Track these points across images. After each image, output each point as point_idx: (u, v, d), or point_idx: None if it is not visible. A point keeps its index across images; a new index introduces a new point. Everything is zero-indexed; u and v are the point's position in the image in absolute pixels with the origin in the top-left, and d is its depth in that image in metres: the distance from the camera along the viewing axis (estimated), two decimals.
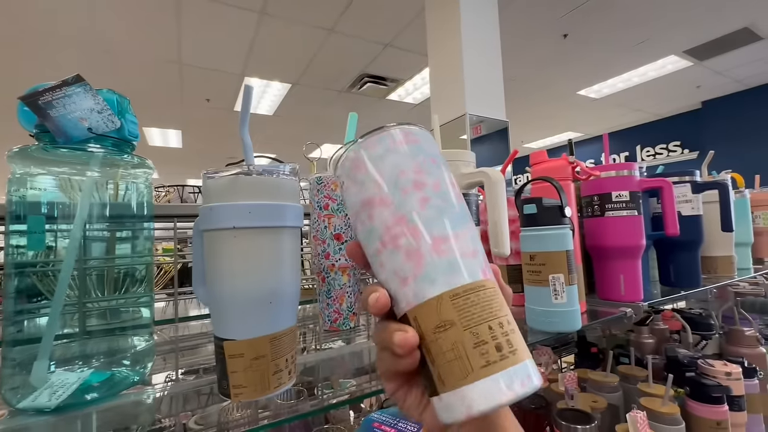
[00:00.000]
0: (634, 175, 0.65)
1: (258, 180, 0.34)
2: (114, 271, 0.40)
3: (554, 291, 0.49)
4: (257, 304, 0.33)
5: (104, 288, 0.40)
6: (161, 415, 0.39)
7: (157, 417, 0.37)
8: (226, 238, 0.33)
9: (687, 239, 0.76)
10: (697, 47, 3.66)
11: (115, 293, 0.41)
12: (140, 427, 0.36)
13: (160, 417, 0.38)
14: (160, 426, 0.37)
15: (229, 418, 0.46)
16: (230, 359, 0.33)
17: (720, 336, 1.05)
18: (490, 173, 0.42)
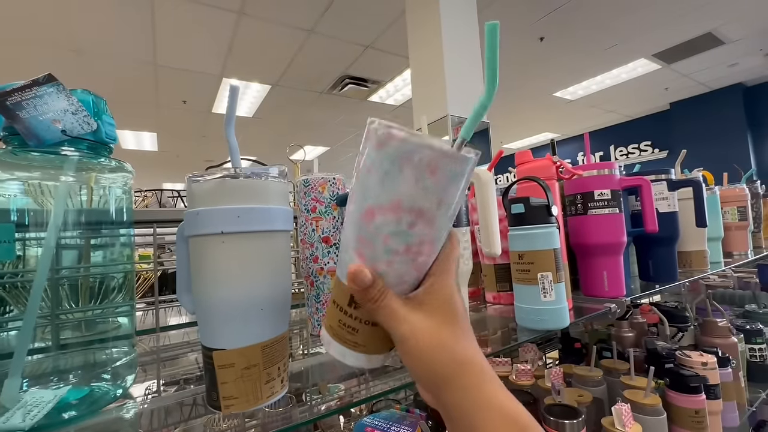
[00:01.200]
0: (614, 174, 0.66)
1: (246, 183, 0.33)
2: (91, 280, 0.38)
3: (543, 289, 0.50)
4: (248, 312, 0.32)
5: (80, 299, 0.38)
6: (143, 431, 0.37)
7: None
8: (213, 244, 0.32)
9: (664, 235, 0.79)
10: (664, 51, 3.82)
11: (92, 304, 0.39)
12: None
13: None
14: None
15: (216, 430, 0.45)
16: (220, 369, 0.31)
17: (695, 328, 1.09)
18: (481, 174, 0.42)
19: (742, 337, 1.07)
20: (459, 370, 0.25)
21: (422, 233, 0.25)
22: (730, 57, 4.08)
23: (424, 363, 0.26)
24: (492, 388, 0.25)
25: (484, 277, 0.72)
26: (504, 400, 0.25)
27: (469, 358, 0.26)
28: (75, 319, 0.38)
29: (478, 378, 0.26)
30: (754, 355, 1.08)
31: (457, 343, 0.26)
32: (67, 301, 0.38)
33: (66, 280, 0.38)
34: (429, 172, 0.24)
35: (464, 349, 0.26)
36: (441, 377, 0.25)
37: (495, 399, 0.25)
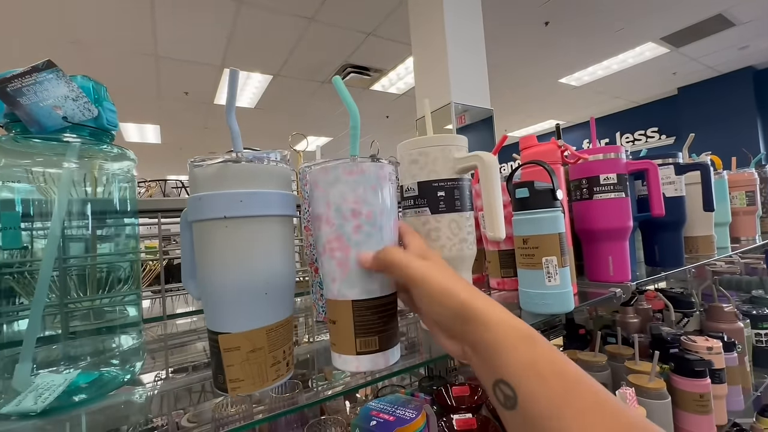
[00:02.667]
0: (621, 157, 0.65)
1: (249, 167, 0.33)
2: (97, 270, 0.38)
3: (548, 273, 0.49)
4: (252, 296, 0.32)
5: (87, 288, 0.38)
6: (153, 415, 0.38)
7: (149, 416, 0.36)
8: (216, 229, 0.32)
9: (671, 220, 0.78)
10: (673, 34, 3.73)
11: (99, 292, 0.39)
12: (132, 428, 0.35)
13: (152, 416, 0.37)
14: (152, 426, 0.36)
15: (224, 414, 0.45)
16: (226, 353, 0.32)
17: (700, 313, 1.09)
18: (484, 157, 0.41)
19: (749, 322, 1.07)
20: (468, 303, 0.29)
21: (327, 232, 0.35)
22: (741, 39, 3.98)
23: (439, 299, 0.31)
24: (501, 312, 0.29)
25: (488, 263, 0.72)
26: (513, 320, 0.29)
27: (473, 292, 0.31)
28: (83, 308, 0.39)
29: (487, 306, 0.29)
30: (760, 340, 1.08)
31: (459, 281, 0.32)
32: (75, 291, 0.38)
33: (72, 270, 0.38)
34: (314, 188, 0.36)
35: (467, 286, 0.31)
36: (453, 309, 0.30)
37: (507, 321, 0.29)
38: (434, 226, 0.43)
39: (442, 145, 0.44)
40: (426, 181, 0.43)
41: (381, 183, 0.36)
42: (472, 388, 0.87)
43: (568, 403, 0.24)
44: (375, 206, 0.35)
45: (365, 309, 0.35)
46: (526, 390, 0.25)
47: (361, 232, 0.35)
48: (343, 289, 0.35)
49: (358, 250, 0.35)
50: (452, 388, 0.89)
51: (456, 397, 0.87)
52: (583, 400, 0.24)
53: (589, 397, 0.24)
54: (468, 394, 0.87)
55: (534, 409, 0.25)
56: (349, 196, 0.35)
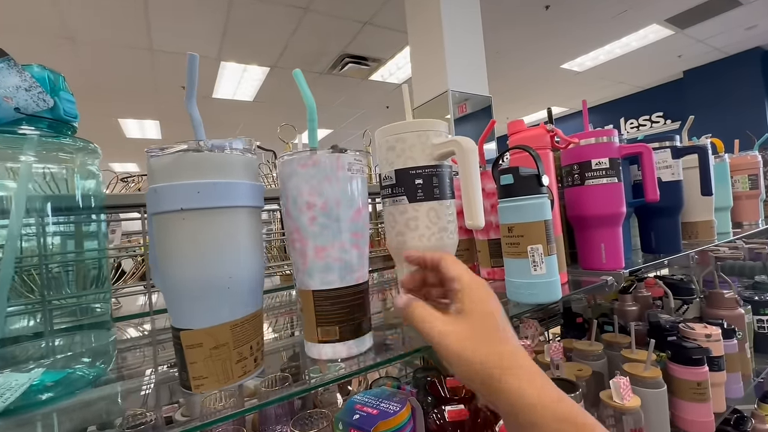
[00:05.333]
0: (613, 141, 0.63)
1: (206, 157, 0.31)
2: (61, 267, 0.37)
3: (533, 262, 0.48)
4: (213, 291, 0.31)
5: (52, 286, 0.37)
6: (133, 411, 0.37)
7: (132, 412, 0.35)
8: (174, 222, 0.30)
9: (667, 205, 0.76)
10: (678, 15, 3.64)
11: (65, 290, 0.38)
12: (102, 426, 0.34)
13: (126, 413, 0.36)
14: (138, 422, 0.35)
15: (213, 407, 0.45)
16: (188, 350, 0.31)
17: (701, 300, 1.07)
18: (462, 142, 0.39)
19: (750, 308, 1.05)
20: (493, 376, 0.26)
21: (288, 224, 0.37)
22: (748, 19, 3.87)
23: (454, 366, 0.28)
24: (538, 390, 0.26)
25: (478, 253, 0.71)
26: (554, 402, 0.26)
27: (502, 361, 0.27)
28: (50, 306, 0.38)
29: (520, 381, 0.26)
30: (762, 326, 1.06)
31: (485, 347, 0.28)
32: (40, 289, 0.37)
33: (34, 268, 0.37)
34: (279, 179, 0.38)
35: (493, 353, 0.27)
36: (472, 379, 0.28)
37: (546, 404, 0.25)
38: (412, 215, 0.42)
39: (419, 131, 0.42)
40: (403, 169, 0.42)
41: (337, 174, 0.35)
42: None
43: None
44: (330, 198, 0.35)
45: (324, 299, 0.35)
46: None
47: (316, 223, 0.35)
48: (305, 279, 0.36)
49: (314, 242, 0.35)
50: (446, 380, 0.88)
51: (450, 388, 0.87)
52: None
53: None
54: (462, 385, 0.86)
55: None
56: (303, 188, 0.35)
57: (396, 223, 0.43)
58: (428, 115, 2.24)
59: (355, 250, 0.36)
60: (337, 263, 0.35)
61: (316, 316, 0.36)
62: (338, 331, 0.35)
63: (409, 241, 0.42)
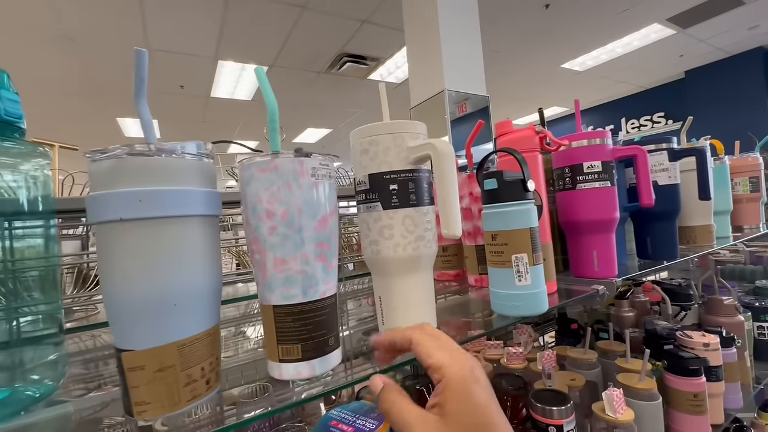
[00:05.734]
0: (606, 143, 0.60)
1: (150, 162, 0.28)
2: (5, 276, 0.35)
3: (517, 272, 0.45)
4: (158, 308, 0.28)
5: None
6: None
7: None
8: (114, 233, 0.28)
9: (663, 209, 0.73)
10: (680, 14, 3.60)
11: (8, 301, 0.35)
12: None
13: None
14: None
15: (195, 418, 0.42)
16: (130, 372, 0.28)
17: (699, 306, 1.04)
18: (438, 144, 0.36)
19: (750, 314, 1.02)
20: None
21: (248, 234, 0.35)
22: (751, 18, 3.83)
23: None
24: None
25: (466, 258, 0.68)
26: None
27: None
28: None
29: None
30: (763, 334, 1.03)
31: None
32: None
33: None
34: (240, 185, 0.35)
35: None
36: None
37: None
38: (387, 223, 0.39)
39: (393, 133, 0.39)
40: (377, 174, 0.39)
41: (299, 180, 0.33)
42: None
43: None
44: (291, 205, 0.32)
45: (285, 315, 0.33)
46: None
47: (276, 234, 0.33)
48: (265, 293, 0.34)
49: (274, 253, 0.33)
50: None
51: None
52: None
53: None
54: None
55: None
56: (262, 195, 0.33)
57: (370, 232, 0.40)
58: (425, 115, 2.22)
59: (319, 262, 0.34)
60: (300, 276, 0.33)
61: (277, 333, 0.33)
62: (300, 349, 0.33)
63: (383, 250, 0.40)
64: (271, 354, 0.34)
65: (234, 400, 0.37)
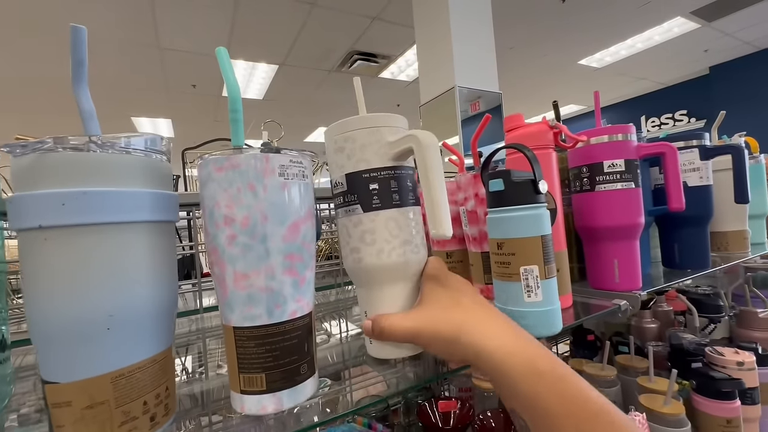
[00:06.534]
0: (630, 140, 0.54)
1: (78, 157, 0.24)
2: None
3: (527, 287, 0.39)
4: (85, 333, 0.24)
5: None
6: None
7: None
8: (34, 243, 0.23)
9: (694, 214, 0.66)
10: (704, 7, 3.44)
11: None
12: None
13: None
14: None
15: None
16: (54, 409, 0.24)
17: (730, 318, 0.96)
18: (420, 136, 0.32)
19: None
20: (461, 338, 0.29)
21: (207, 243, 0.30)
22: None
23: (439, 352, 0.32)
24: (499, 339, 0.29)
25: (471, 266, 0.62)
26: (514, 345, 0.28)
27: (468, 321, 0.30)
28: None
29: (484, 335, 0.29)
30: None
31: (452, 312, 0.31)
32: None
33: None
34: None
35: (462, 314, 0.31)
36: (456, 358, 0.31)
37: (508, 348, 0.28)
38: (368, 227, 0.35)
39: (370, 128, 0.35)
40: (354, 173, 0.35)
41: (263, 181, 0.28)
42: (462, 402, 0.78)
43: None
44: (253, 211, 0.27)
45: (247, 339, 0.28)
46: (536, 425, 0.26)
47: (236, 243, 0.28)
48: (225, 312, 0.29)
49: (234, 266, 0.28)
50: (438, 403, 0.80)
51: (442, 413, 0.78)
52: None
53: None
54: (456, 410, 0.78)
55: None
56: (220, 198, 0.28)
57: (350, 238, 0.36)
58: (435, 113, 2.15)
59: (288, 276, 0.29)
60: (264, 294, 0.28)
61: (238, 359, 0.28)
62: (263, 380, 0.28)
63: (365, 257, 0.35)
64: (232, 383, 0.29)
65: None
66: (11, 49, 3.10)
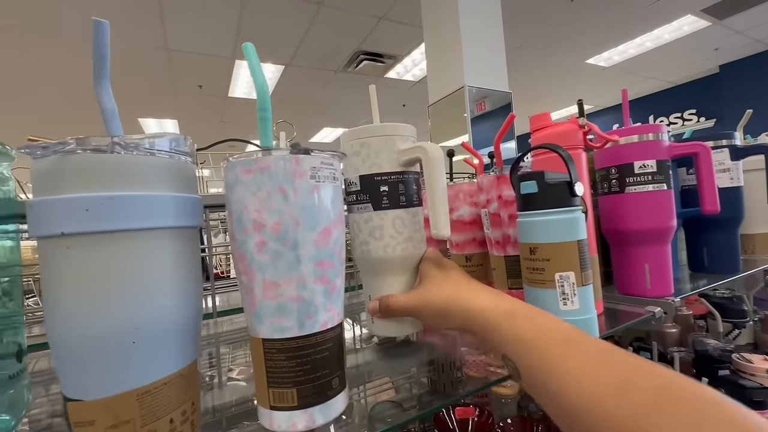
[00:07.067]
0: (662, 139, 0.52)
1: (101, 160, 0.22)
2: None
3: (562, 294, 0.37)
4: (110, 348, 0.22)
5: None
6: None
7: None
8: (56, 251, 0.22)
9: (725, 216, 0.63)
10: (716, 4, 3.38)
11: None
12: None
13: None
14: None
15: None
16: (77, 428, 0.22)
17: (754, 323, 0.93)
18: (428, 148, 0.37)
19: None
20: (458, 314, 0.33)
21: (234, 250, 0.28)
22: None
23: (436, 322, 0.36)
24: (482, 297, 0.33)
25: (493, 270, 0.60)
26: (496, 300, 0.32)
27: (457, 291, 0.34)
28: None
29: (471, 296, 0.33)
30: None
31: (441, 286, 0.36)
32: None
33: None
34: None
35: (451, 286, 0.35)
36: (450, 324, 0.34)
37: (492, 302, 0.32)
38: (377, 224, 0.39)
39: (385, 135, 0.39)
40: (368, 175, 0.39)
41: (294, 183, 0.26)
42: (480, 409, 0.76)
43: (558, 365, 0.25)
44: (285, 215, 0.26)
45: (277, 352, 0.26)
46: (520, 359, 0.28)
47: (266, 250, 0.26)
48: (253, 323, 0.27)
49: (263, 275, 0.26)
50: (455, 410, 0.78)
51: (460, 420, 0.76)
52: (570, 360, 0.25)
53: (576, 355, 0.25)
54: (474, 417, 0.76)
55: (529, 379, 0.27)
56: (249, 203, 0.26)
57: (360, 232, 0.40)
58: (444, 113, 2.13)
59: (320, 284, 0.27)
60: (295, 304, 0.26)
61: (267, 373, 0.27)
62: (295, 395, 0.26)
63: (373, 251, 0.40)
64: (261, 398, 0.27)
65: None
66: (19, 52, 3.12)
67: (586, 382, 0.23)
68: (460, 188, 0.67)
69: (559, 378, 0.24)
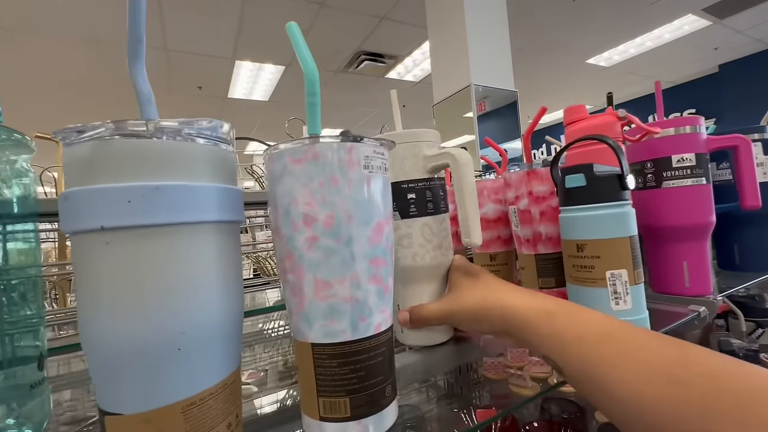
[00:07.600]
0: (700, 132, 0.50)
1: (146, 146, 0.20)
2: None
3: (614, 293, 0.35)
4: (154, 355, 0.20)
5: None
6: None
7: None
8: (94, 247, 0.19)
9: (759, 212, 0.61)
10: (717, 4, 3.39)
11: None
12: None
13: None
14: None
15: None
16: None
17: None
18: (457, 154, 0.36)
19: None
20: (496, 315, 0.32)
21: (279, 247, 0.26)
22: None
23: (471, 327, 0.36)
24: (519, 297, 0.32)
25: (521, 269, 0.58)
26: (532, 300, 0.31)
27: (492, 293, 0.33)
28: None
29: (510, 298, 0.32)
30: None
31: (474, 291, 0.35)
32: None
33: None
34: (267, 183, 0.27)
35: (482, 298, 0.34)
36: (486, 327, 0.33)
37: (528, 303, 0.31)
38: (405, 232, 0.38)
39: (411, 142, 0.38)
40: (395, 183, 0.38)
41: (347, 173, 0.24)
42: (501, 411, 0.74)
43: (598, 362, 0.25)
44: (338, 208, 0.24)
45: (328, 358, 0.24)
46: (560, 358, 0.27)
47: (318, 247, 0.24)
48: (300, 326, 0.25)
49: (314, 273, 0.24)
50: (476, 412, 0.76)
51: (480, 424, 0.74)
52: (612, 351, 0.25)
53: (618, 346, 0.25)
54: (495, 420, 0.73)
55: (572, 375, 0.26)
56: (298, 195, 0.24)
57: None
58: (448, 112, 2.11)
59: (372, 284, 0.25)
60: (348, 305, 0.24)
61: (317, 381, 0.24)
62: (347, 404, 0.24)
63: (402, 259, 0.39)
64: (308, 408, 0.25)
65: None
66: (13, 53, 3.08)
67: (630, 371, 0.23)
68: (484, 185, 0.65)
69: (603, 370, 0.24)
